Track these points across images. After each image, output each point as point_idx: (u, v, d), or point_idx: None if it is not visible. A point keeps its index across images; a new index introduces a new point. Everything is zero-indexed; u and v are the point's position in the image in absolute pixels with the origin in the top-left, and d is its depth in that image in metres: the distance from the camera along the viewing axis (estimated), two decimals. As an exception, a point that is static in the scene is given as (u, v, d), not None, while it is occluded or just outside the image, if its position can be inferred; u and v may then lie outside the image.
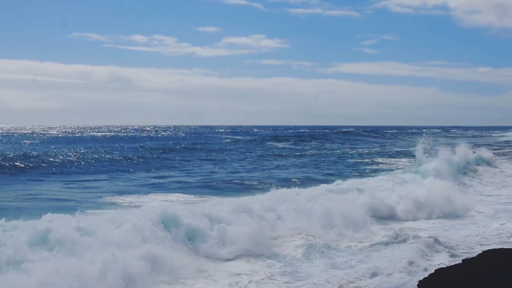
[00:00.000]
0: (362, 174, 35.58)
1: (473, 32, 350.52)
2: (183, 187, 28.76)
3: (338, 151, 62.04)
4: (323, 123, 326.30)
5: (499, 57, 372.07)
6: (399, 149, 63.04)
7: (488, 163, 38.88)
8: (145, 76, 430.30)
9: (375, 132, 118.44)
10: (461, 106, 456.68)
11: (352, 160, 48.52)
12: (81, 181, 31.43)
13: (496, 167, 38.59)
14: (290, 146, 74.42)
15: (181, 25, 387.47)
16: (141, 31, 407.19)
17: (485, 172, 36.16)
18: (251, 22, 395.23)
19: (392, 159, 48.70)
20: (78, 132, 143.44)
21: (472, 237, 17.48)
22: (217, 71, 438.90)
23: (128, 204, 22.60)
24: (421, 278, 9.23)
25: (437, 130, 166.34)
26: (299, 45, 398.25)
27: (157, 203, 22.46)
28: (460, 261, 9.84)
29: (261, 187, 28.88)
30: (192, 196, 25.35)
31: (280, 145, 75.42)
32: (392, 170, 37.69)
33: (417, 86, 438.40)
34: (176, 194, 25.74)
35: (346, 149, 65.21)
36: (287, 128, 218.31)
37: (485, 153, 40.35)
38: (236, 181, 32.05)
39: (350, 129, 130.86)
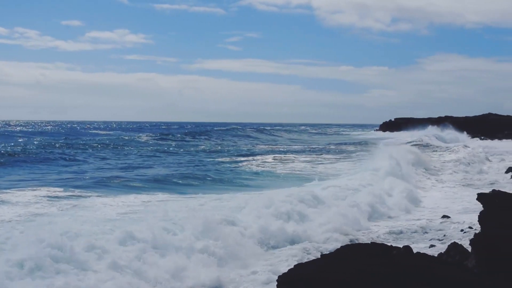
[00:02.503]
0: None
1: (335, 31, 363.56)
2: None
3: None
4: (188, 119, 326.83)
5: (360, 57, 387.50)
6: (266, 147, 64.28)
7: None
8: (5, 69, 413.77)
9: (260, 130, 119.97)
10: (324, 104, 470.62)
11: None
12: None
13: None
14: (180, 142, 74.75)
15: (44, 18, 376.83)
16: (2, 23, 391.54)
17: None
18: (115, 16, 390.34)
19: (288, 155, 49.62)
20: None
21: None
22: (81, 65, 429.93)
23: None
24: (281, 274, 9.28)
25: (304, 127, 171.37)
26: (163, 41, 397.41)
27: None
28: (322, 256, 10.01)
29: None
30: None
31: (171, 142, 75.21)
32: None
33: (280, 84, 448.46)
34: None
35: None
36: (151, 124, 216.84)
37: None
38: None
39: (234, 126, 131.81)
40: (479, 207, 12.37)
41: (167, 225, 15.67)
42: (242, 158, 48.84)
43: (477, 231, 13.39)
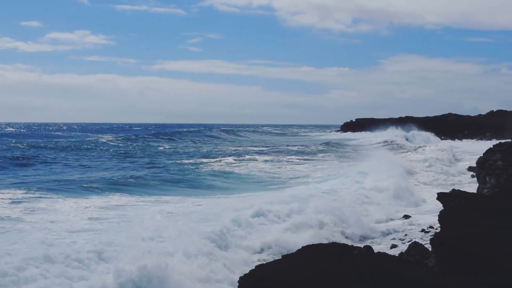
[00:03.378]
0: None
1: (296, 32, 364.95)
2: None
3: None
4: (149, 121, 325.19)
5: (320, 57, 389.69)
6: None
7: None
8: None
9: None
10: (285, 105, 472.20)
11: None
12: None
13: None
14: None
15: (2, 18, 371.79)
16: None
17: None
18: (75, 17, 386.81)
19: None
20: None
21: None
22: (40, 67, 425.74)
23: None
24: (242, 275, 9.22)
25: (266, 128, 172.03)
26: (124, 42, 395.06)
27: None
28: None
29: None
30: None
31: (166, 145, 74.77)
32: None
33: (241, 85, 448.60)
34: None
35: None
36: (112, 125, 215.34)
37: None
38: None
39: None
40: (441, 207, 12.47)
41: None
42: (205, 160, 48.73)
43: (437, 231, 13.51)
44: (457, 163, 43.12)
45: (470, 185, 29.64)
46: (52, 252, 12.66)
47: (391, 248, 16.82)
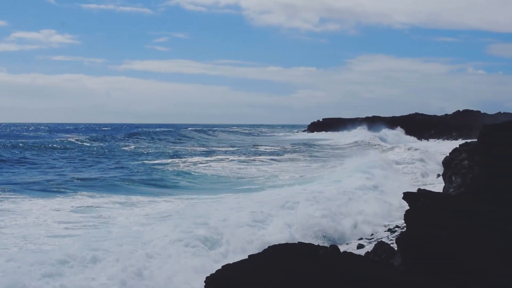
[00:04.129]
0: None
1: (263, 32, 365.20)
2: None
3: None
4: (116, 121, 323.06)
5: (288, 57, 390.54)
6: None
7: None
8: None
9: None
10: (252, 105, 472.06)
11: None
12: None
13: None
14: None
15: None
16: None
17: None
18: (41, 16, 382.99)
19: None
20: None
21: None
22: (6, 66, 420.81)
23: None
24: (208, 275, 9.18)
25: (234, 128, 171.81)
26: (90, 41, 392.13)
27: None
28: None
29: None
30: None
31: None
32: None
33: (209, 85, 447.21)
34: None
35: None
36: (79, 125, 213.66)
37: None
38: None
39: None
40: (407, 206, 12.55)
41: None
42: (172, 160, 48.69)
43: (404, 230, 13.59)
44: (429, 162, 43.34)
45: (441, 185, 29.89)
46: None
47: (357, 248, 16.90)
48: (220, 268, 9.07)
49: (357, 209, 22.16)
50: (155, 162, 46.52)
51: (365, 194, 25.10)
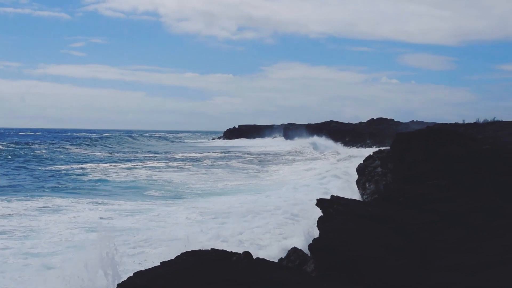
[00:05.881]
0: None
1: (181, 38, 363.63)
2: None
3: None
4: (30, 126, 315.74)
5: (205, 64, 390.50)
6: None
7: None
8: None
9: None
10: (169, 111, 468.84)
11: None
12: None
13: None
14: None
15: None
16: None
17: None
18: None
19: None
20: None
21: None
22: None
23: None
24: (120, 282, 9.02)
25: (150, 134, 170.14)
26: (5, 45, 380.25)
27: None
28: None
29: None
30: None
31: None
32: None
33: (125, 90, 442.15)
34: None
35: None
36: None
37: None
38: None
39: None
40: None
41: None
42: (85, 165, 47.84)
43: (316, 236, 13.68)
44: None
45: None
46: None
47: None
48: (132, 275, 8.92)
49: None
50: (68, 167, 45.69)
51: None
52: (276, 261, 13.39)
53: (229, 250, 9.45)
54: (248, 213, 22.72)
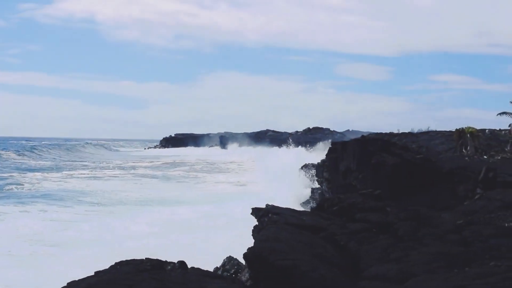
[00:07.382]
0: None
1: (118, 46, 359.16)
2: None
3: None
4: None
5: (141, 72, 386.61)
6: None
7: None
8: None
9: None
10: (105, 120, 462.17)
11: None
12: None
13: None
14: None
15: None
16: None
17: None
18: None
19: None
20: None
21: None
22: None
23: None
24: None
25: (85, 142, 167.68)
26: None
27: None
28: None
29: None
30: None
31: None
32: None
33: (61, 98, 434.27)
34: None
35: None
36: None
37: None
38: None
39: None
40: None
41: None
42: (7, 174, 47.03)
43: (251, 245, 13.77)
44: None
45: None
46: None
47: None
48: (66, 285, 8.84)
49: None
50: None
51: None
52: (212, 270, 13.41)
53: (164, 260, 9.46)
54: (184, 222, 22.74)
